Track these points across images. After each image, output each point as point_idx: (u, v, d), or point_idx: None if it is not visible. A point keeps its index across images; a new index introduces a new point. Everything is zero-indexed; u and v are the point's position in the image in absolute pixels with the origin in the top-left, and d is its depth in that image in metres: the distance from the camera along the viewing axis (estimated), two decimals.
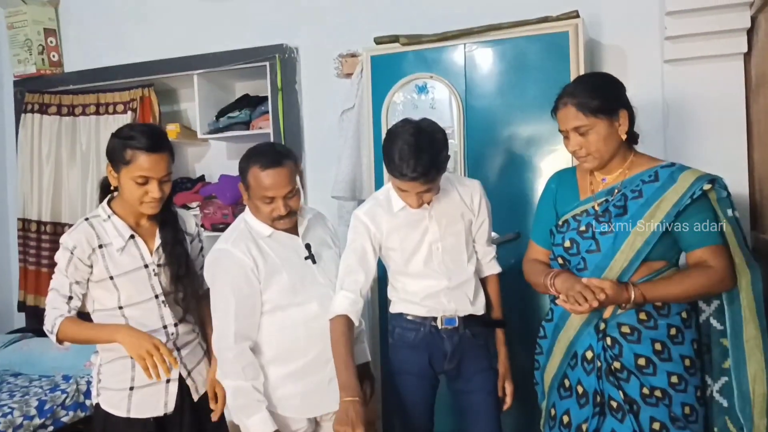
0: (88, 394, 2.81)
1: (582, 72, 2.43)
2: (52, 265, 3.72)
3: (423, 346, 2.00)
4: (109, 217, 1.87)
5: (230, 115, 3.39)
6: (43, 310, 3.50)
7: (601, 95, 1.71)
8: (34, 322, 3.68)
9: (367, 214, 1.99)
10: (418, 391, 2.02)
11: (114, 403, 1.88)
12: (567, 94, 1.75)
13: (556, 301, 1.70)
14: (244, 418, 1.83)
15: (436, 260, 1.98)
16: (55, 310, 1.81)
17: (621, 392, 1.70)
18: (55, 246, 3.64)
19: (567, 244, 1.80)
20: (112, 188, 1.89)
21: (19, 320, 3.93)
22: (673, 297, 1.68)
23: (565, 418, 1.80)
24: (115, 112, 3.58)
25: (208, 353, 2.03)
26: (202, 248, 2.09)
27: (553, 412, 1.86)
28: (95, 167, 3.63)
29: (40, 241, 3.76)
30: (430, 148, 1.80)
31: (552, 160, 2.59)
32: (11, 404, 2.60)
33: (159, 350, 1.72)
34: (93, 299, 1.88)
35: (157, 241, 1.91)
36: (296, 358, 1.91)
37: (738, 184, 2.38)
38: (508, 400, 2.06)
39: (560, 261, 1.83)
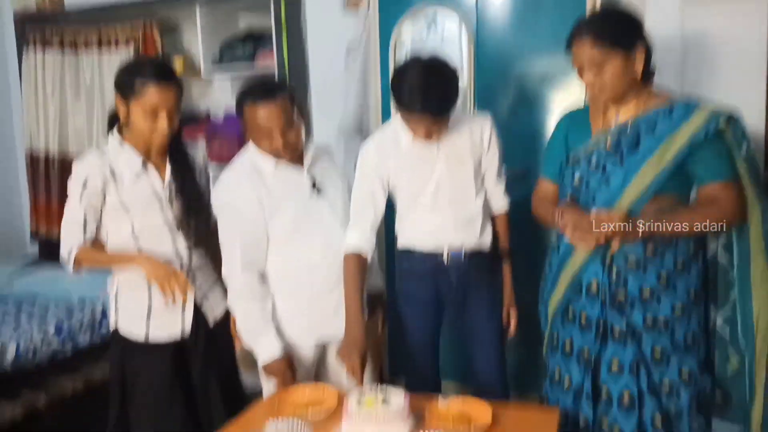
0: (104, 318, 2.88)
1: (598, 7, 2.38)
2: (62, 196, 3.79)
3: (429, 278, 2.05)
4: (120, 146, 1.88)
5: (234, 51, 3.35)
6: (56, 239, 3.63)
7: (618, 30, 1.68)
8: (48, 251, 3.75)
9: (374, 149, 2.00)
10: (424, 319, 2.09)
11: (132, 327, 1.94)
12: (583, 27, 1.71)
13: (565, 239, 1.71)
14: (253, 340, 1.90)
15: (444, 196, 1.99)
16: (71, 239, 1.84)
17: (624, 320, 1.73)
18: (64, 178, 3.68)
19: (577, 179, 1.80)
20: (121, 121, 1.89)
21: (33, 249, 4.00)
22: (682, 231, 1.68)
23: (568, 344, 1.84)
24: (117, 46, 3.53)
25: (220, 281, 2.08)
26: (208, 180, 2.11)
27: (556, 338, 1.90)
28: (100, 103, 3.62)
29: (49, 174, 3.81)
30: (441, 83, 1.79)
31: (564, 96, 2.56)
32: (31, 326, 2.67)
33: (177, 276, 1.79)
34: (106, 228, 1.91)
35: (168, 172, 1.94)
36: (302, 288, 1.96)
37: (755, 122, 2.33)
38: (512, 327, 2.12)
39: (569, 196, 1.83)
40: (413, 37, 2.77)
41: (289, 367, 1.88)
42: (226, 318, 2.08)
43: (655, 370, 1.72)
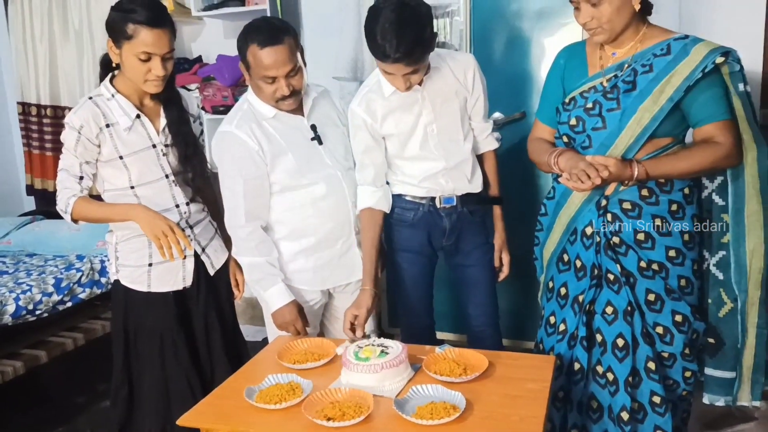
0: (102, 271, 2.90)
1: None
2: (56, 148, 3.75)
3: (422, 225, 2.04)
4: (113, 95, 1.84)
5: None
6: (51, 192, 3.62)
7: None
8: (44, 204, 3.75)
9: (360, 105, 1.94)
10: (417, 266, 2.09)
11: (134, 278, 1.94)
12: None
13: (559, 179, 1.69)
14: (262, 291, 1.91)
15: (432, 142, 1.95)
16: (68, 190, 1.82)
17: (618, 265, 1.73)
18: (57, 129, 3.67)
19: (573, 121, 1.76)
20: (113, 65, 1.84)
21: (29, 203, 3.99)
22: (678, 173, 1.66)
23: (563, 290, 1.85)
24: None
25: (219, 231, 2.08)
26: (202, 131, 2.07)
27: (551, 284, 1.90)
28: (89, 45, 3.53)
29: (41, 124, 3.75)
30: (414, 25, 1.70)
31: (562, 35, 2.50)
32: (29, 282, 2.69)
33: (174, 231, 1.76)
34: (103, 179, 1.89)
35: (163, 121, 1.89)
36: (307, 235, 1.95)
37: (752, 59, 2.32)
38: (505, 269, 2.13)
39: (565, 139, 1.80)
40: None
41: (299, 315, 1.89)
42: (226, 267, 2.10)
43: (648, 315, 1.73)
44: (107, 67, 1.87)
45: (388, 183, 2.04)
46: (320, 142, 1.94)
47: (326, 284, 2.02)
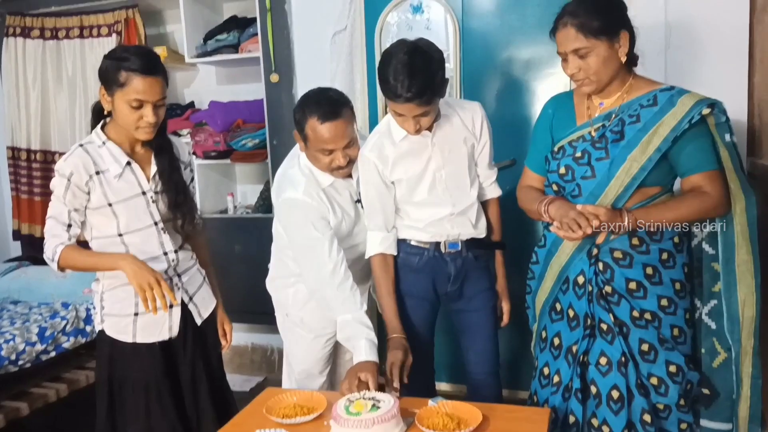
0: (88, 320, 2.85)
1: None
2: (45, 193, 3.73)
3: (427, 270, 2.02)
4: (104, 143, 1.83)
5: (218, 38, 3.30)
6: (38, 238, 3.58)
7: (603, 16, 1.65)
8: (30, 250, 3.71)
9: (372, 151, 1.94)
10: (420, 311, 2.06)
11: (119, 328, 1.90)
12: (567, 13, 1.67)
13: (550, 228, 1.70)
14: (351, 347, 1.89)
15: (440, 187, 1.96)
16: (55, 238, 1.80)
17: (611, 315, 1.72)
18: (46, 174, 3.65)
19: (562, 170, 1.78)
20: (105, 112, 1.84)
21: (15, 249, 3.94)
22: (667, 222, 1.67)
23: (556, 340, 1.83)
24: (99, 35, 3.48)
25: (207, 279, 2.07)
26: (193, 178, 2.06)
27: (544, 334, 1.89)
28: (82, 93, 3.55)
29: (31, 169, 3.73)
30: (426, 68, 1.74)
31: (550, 83, 2.54)
32: (12, 331, 2.63)
33: (160, 284, 1.73)
34: (91, 226, 1.87)
35: (153, 168, 1.89)
36: None
37: (737, 109, 2.36)
38: (505, 318, 2.11)
39: (555, 188, 1.81)
40: (399, 22, 2.72)
41: (372, 374, 1.79)
42: (214, 316, 2.07)
43: (642, 365, 1.71)
44: (99, 115, 1.88)
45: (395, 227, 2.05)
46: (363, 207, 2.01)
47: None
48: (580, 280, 1.77)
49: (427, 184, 1.96)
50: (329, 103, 1.85)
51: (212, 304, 2.06)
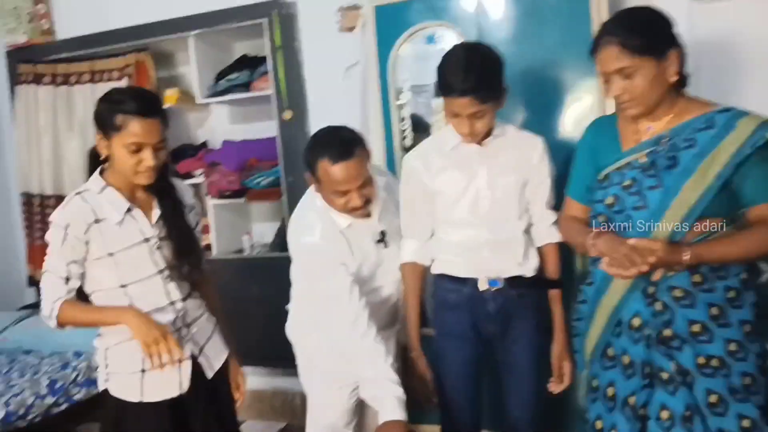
0: None
1: (603, 16, 2.23)
2: None
3: (465, 308, 1.92)
4: (102, 189, 1.75)
5: (229, 77, 3.27)
6: None
7: (648, 32, 1.52)
8: None
9: (418, 158, 1.93)
10: (459, 354, 1.94)
11: (125, 387, 1.79)
12: (608, 31, 1.55)
13: (600, 266, 1.55)
14: (377, 405, 1.78)
15: (482, 209, 1.87)
16: (53, 294, 1.70)
17: (673, 362, 1.55)
18: None
19: (610, 200, 1.63)
20: (102, 158, 1.76)
21: (30, 295, 3.86)
22: (732, 258, 1.52)
23: (610, 391, 1.65)
24: (110, 79, 3.46)
25: (216, 328, 1.96)
26: (198, 222, 1.97)
27: (595, 383, 1.71)
28: (94, 137, 3.50)
29: (44, 215, 3.68)
30: (484, 64, 1.74)
31: (572, 111, 2.44)
32: (22, 384, 2.55)
33: (166, 339, 1.63)
34: (91, 279, 1.77)
35: (156, 213, 1.80)
36: None
37: None
38: (565, 380, 1.95)
39: (601, 219, 1.66)
40: (413, 54, 2.66)
41: None
42: (226, 367, 1.96)
43: (711, 419, 1.52)
44: (95, 160, 1.79)
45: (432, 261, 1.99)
46: (386, 245, 1.92)
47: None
48: (636, 322, 1.60)
49: (468, 201, 1.88)
50: (340, 143, 1.77)
51: (224, 355, 1.95)
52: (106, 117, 1.69)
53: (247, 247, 3.41)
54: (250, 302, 3.17)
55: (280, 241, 3.25)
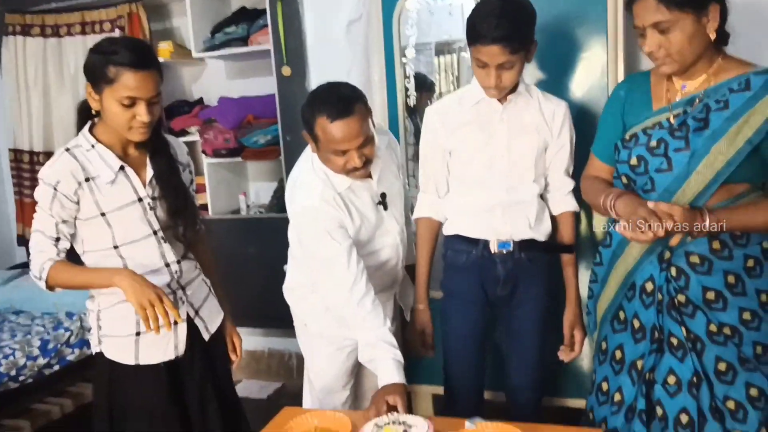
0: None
1: None
2: None
3: (475, 270, 1.90)
4: (93, 146, 1.66)
5: (226, 30, 3.17)
6: None
7: None
8: None
9: (438, 111, 1.92)
10: (466, 315, 1.94)
11: (120, 350, 1.73)
12: None
13: (616, 228, 1.50)
14: (375, 368, 1.73)
15: (498, 169, 1.84)
16: (42, 254, 1.63)
17: (683, 328, 1.52)
18: None
19: (633, 161, 1.57)
20: (93, 112, 1.66)
21: (21, 254, 3.81)
22: (755, 226, 1.46)
23: (618, 353, 1.64)
24: (102, 31, 3.37)
25: (211, 290, 1.90)
26: (192, 180, 1.89)
27: (604, 345, 1.70)
28: (85, 91, 3.40)
29: (34, 171, 3.61)
30: (516, 14, 1.68)
31: (585, 73, 2.32)
32: (13, 344, 2.49)
33: (162, 301, 1.56)
34: (83, 239, 1.69)
35: (150, 172, 1.72)
36: None
37: None
38: (577, 348, 1.93)
39: (624, 180, 1.61)
40: (419, 8, 2.55)
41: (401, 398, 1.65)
42: (221, 329, 1.91)
43: (718, 387, 1.50)
44: (85, 115, 1.69)
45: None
46: (386, 208, 1.87)
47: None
48: (649, 287, 1.57)
49: (484, 160, 1.84)
50: (339, 100, 1.69)
51: (219, 317, 1.90)
52: (97, 68, 1.58)
53: (243, 208, 3.36)
54: (246, 263, 3.13)
55: (278, 201, 3.20)
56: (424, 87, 2.64)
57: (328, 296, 1.85)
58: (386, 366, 1.66)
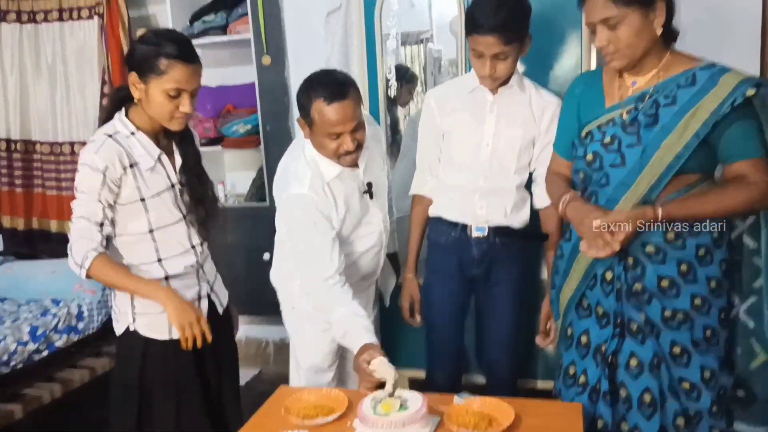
0: (80, 316, 2.75)
1: None
2: (27, 185, 3.53)
3: (453, 249, 2.03)
4: (132, 133, 1.72)
5: (205, 19, 3.16)
6: (21, 231, 3.40)
7: None
8: (14, 245, 3.51)
9: (436, 94, 2.05)
10: (446, 290, 2.07)
11: (155, 327, 1.80)
12: None
13: (581, 247, 1.60)
14: (349, 342, 1.79)
15: (482, 156, 1.95)
16: (87, 241, 1.66)
17: (642, 314, 1.61)
18: (28, 165, 3.50)
19: (589, 157, 1.65)
20: (135, 101, 1.72)
21: None
22: (704, 214, 1.54)
23: (584, 338, 1.72)
24: (79, 17, 3.30)
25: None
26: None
27: (569, 331, 1.77)
28: (63, 78, 3.38)
29: (11, 160, 3.55)
30: (512, 5, 1.77)
31: (564, 64, 2.42)
32: (3, 330, 2.52)
33: (199, 322, 1.67)
34: (118, 223, 1.74)
35: (179, 160, 1.80)
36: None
37: None
38: (551, 336, 2.03)
39: (581, 175, 1.69)
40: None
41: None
42: (227, 307, 2.02)
43: (674, 369, 1.61)
44: (120, 102, 1.76)
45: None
46: (372, 197, 1.95)
47: None
48: (608, 276, 1.66)
49: (471, 146, 1.96)
50: (335, 84, 1.77)
51: (227, 294, 2.01)
52: (147, 59, 1.65)
53: (221, 197, 3.33)
54: (224, 251, 3.10)
55: (257, 191, 3.22)
56: (405, 78, 2.70)
57: (305, 282, 1.92)
58: (356, 333, 1.73)
